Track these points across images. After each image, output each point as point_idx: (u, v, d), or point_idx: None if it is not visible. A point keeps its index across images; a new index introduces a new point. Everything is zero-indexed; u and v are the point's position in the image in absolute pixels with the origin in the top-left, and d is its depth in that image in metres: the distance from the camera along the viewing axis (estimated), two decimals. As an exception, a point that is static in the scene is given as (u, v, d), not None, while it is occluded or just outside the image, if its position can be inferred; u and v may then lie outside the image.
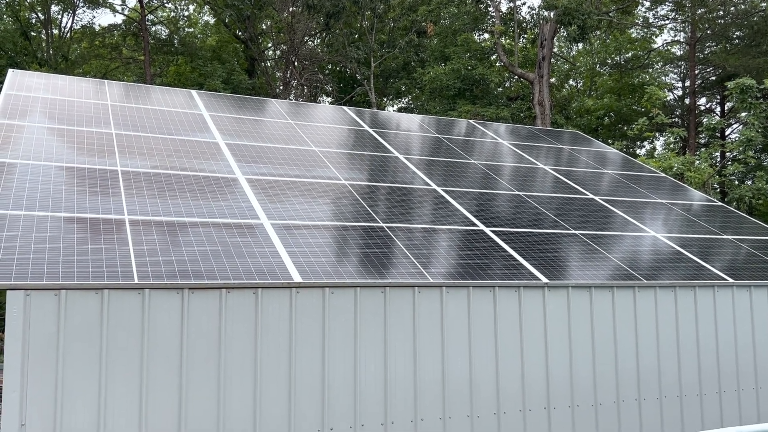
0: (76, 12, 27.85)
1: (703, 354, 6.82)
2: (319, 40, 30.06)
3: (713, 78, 28.80)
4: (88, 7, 27.50)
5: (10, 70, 8.88)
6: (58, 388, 4.32)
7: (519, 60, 25.27)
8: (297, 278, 5.11)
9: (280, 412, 4.91)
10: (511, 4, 25.19)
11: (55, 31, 27.87)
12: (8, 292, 4.30)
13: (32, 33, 26.92)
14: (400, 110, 32.16)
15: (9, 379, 4.23)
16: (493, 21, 25.63)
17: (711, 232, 8.60)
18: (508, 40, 27.50)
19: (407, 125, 10.80)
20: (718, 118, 23.34)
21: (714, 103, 30.97)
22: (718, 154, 21.34)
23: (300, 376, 5.01)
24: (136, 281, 4.60)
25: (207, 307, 4.80)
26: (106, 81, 9.51)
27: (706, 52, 28.39)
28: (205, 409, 4.69)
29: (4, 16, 24.98)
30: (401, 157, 8.95)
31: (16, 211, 5.21)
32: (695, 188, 15.63)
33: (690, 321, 6.80)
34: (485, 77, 24.54)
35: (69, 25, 28.25)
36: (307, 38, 28.25)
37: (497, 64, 26.84)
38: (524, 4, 40.66)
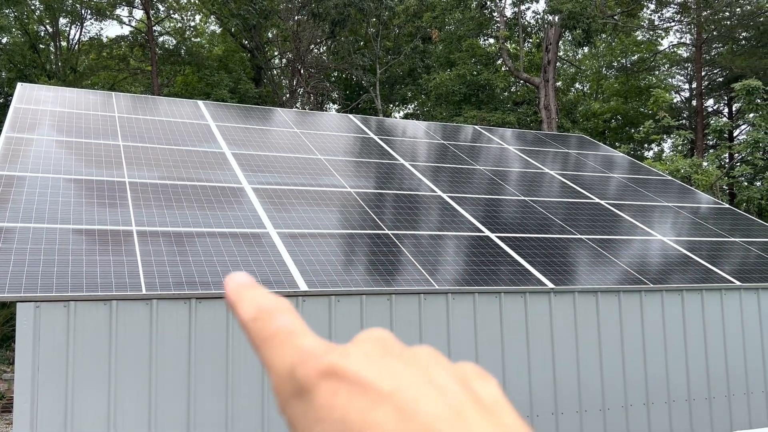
0: (84, 24, 28.11)
1: (711, 357, 6.80)
2: (324, 48, 30.19)
3: (720, 79, 28.71)
4: (96, 19, 27.75)
5: (18, 84, 8.99)
6: (68, 398, 4.37)
7: (524, 64, 25.28)
8: (303, 287, 5.14)
9: (288, 421, 4.93)
10: (516, 9, 25.23)
11: (63, 44, 28.14)
12: (18, 304, 4.36)
13: (41, 45, 27.19)
14: (406, 116, 32.21)
15: (20, 390, 4.29)
16: (497, 26, 25.68)
17: (719, 235, 8.57)
18: (513, 45, 27.53)
19: (413, 132, 10.84)
20: (725, 119, 23.27)
21: (722, 105, 30.87)
22: (726, 155, 21.26)
23: (307, 384, 5.03)
24: (144, 292, 4.64)
25: (214, 317, 4.84)
26: (113, 93, 9.60)
27: (712, 54, 28.32)
28: (214, 417, 4.73)
29: (13, 29, 25.25)
30: (407, 164, 8.98)
31: (26, 224, 5.27)
32: (703, 191, 15.58)
33: (698, 324, 6.79)
34: (491, 82, 24.57)
35: (77, 38, 28.52)
36: (312, 46, 28.38)
37: (502, 69, 26.87)
38: (529, 8, 40.68)
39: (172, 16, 29.19)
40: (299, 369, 0.34)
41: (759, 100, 16.46)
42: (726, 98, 29.35)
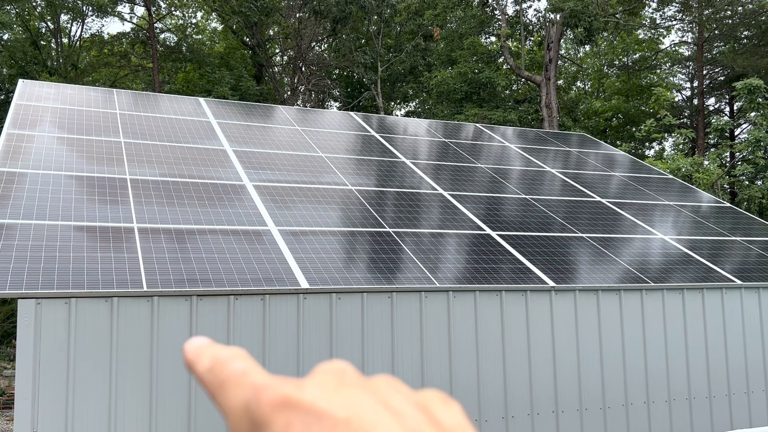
0: (85, 21, 28.10)
1: (712, 356, 6.80)
2: (326, 46, 30.18)
3: (722, 78, 28.67)
4: (97, 16, 27.73)
5: (20, 81, 8.99)
6: (69, 395, 4.38)
7: (526, 63, 25.27)
8: (304, 284, 5.15)
9: (288, 418, 4.93)
10: (518, 7, 25.21)
11: (65, 40, 28.13)
12: (19, 300, 4.36)
13: (42, 42, 27.18)
14: (407, 114, 32.20)
15: (21, 387, 4.29)
16: (499, 24, 25.65)
17: (720, 234, 8.57)
18: (514, 43, 27.50)
19: (414, 130, 10.84)
20: (726, 118, 23.24)
21: (723, 104, 30.83)
22: (727, 154, 21.26)
23: (308, 382, 5.04)
24: (145, 289, 4.64)
25: (215, 314, 4.84)
26: (114, 90, 9.60)
27: (714, 53, 28.28)
28: (215, 414, 4.73)
29: (14, 26, 25.23)
30: (408, 162, 8.98)
31: (27, 221, 5.28)
32: (704, 189, 15.57)
33: (698, 323, 6.79)
34: (492, 80, 24.55)
35: (78, 34, 28.51)
36: (314, 44, 28.36)
37: (504, 67, 26.85)
38: (530, 6, 40.63)
39: (174, 13, 29.17)
40: (253, 403, 0.33)
41: (760, 99, 16.44)
42: (727, 97, 29.30)
